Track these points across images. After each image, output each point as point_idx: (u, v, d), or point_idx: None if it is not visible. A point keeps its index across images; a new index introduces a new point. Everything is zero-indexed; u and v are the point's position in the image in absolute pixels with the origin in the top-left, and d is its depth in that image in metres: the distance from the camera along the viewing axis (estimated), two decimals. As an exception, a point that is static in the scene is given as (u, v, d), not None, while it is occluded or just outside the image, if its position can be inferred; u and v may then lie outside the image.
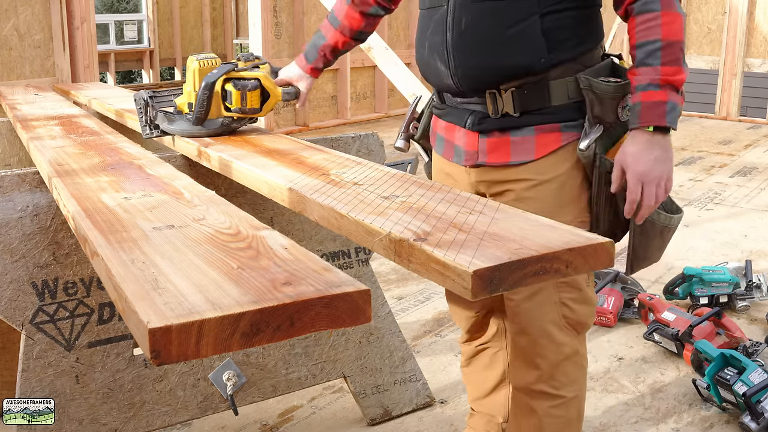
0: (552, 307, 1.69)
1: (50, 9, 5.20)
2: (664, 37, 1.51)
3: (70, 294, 1.88)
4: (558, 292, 1.69)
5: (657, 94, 1.52)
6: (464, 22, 1.61)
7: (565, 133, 1.64)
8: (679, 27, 1.52)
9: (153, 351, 0.85)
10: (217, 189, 1.90)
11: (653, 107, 1.52)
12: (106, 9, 14.89)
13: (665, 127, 1.53)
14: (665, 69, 1.51)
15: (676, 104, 1.53)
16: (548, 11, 1.58)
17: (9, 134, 3.04)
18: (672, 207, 1.73)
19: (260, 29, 7.13)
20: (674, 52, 1.52)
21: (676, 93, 1.52)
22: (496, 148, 1.67)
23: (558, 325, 1.70)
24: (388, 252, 1.19)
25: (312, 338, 2.25)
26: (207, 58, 2.05)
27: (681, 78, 1.52)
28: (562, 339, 1.71)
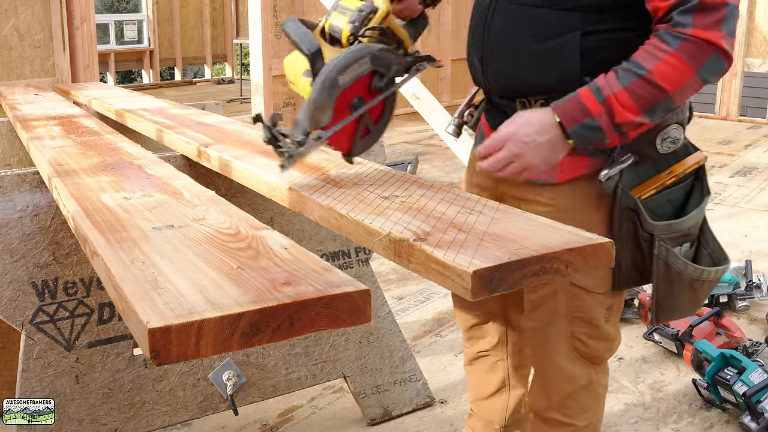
0: (563, 341, 1.59)
1: (50, 9, 5.20)
2: (653, 72, 1.28)
3: (70, 294, 1.88)
4: (570, 326, 1.57)
5: (591, 101, 1.31)
6: (500, 24, 1.47)
7: (594, 159, 1.46)
8: (677, 79, 1.28)
9: (153, 351, 0.85)
10: (217, 189, 1.90)
11: (576, 107, 1.33)
12: (106, 9, 14.90)
13: (566, 132, 1.35)
14: (621, 95, 1.29)
15: (595, 130, 1.32)
16: (591, 30, 1.38)
17: (9, 134, 3.04)
18: (718, 257, 1.55)
19: (260, 29, 7.13)
20: (647, 94, 1.29)
21: (611, 125, 1.30)
22: None
23: (569, 357, 1.60)
24: (387, 252, 1.19)
25: (312, 338, 2.25)
26: None
27: (627, 117, 1.30)
28: (575, 371, 1.61)
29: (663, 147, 1.46)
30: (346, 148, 1.49)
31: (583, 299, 1.55)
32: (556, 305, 1.57)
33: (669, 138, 1.45)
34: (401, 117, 8.85)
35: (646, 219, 1.46)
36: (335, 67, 1.35)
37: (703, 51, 1.27)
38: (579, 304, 1.55)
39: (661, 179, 1.49)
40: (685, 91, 1.30)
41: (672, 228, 1.48)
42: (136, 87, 11.01)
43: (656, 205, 1.49)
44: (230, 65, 13.54)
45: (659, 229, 1.47)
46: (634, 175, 1.46)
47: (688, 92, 1.31)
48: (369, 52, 1.39)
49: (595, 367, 1.63)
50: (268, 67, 7.30)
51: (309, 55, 1.38)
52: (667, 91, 1.28)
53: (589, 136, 1.33)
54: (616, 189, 1.45)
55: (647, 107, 1.29)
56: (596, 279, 1.53)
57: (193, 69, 14.22)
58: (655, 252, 1.47)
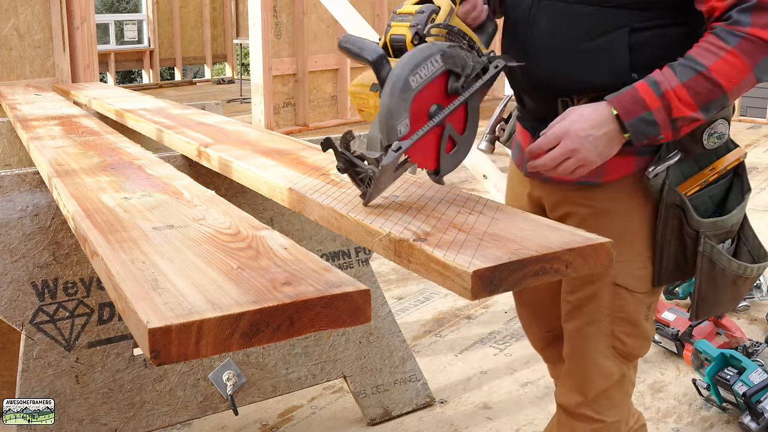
0: (603, 339, 1.58)
1: (50, 9, 5.20)
2: (711, 69, 1.29)
3: (70, 294, 1.88)
4: (611, 325, 1.57)
5: (650, 96, 1.32)
6: (544, 22, 1.45)
7: (640, 158, 1.46)
8: (735, 76, 1.29)
9: (153, 351, 0.85)
10: (217, 189, 1.90)
11: (634, 101, 1.33)
12: (106, 9, 14.90)
13: (623, 125, 1.34)
14: (679, 90, 1.30)
15: (651, 124, 1.32)
16: (640, 26, 1.37)
17: (9, 134, 3.04)
18: (758, 253, 1.55)
19: (260, 29, 7.13)
20: (705, 90, 1.30)
21: (667, 119, 1.32)
22: None
23: (606, 355, 1.59)
24: (387, 252, 1.19)
25: (312, 338, 2.25)
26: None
27: (684, 113, 1.31)
28: (611, 367, 1.60)
29: (709, 142, 1.46)
30: (432, 165, 1.35)
31: (625, 299, 1.55)
32: (599, 305, 1.56)
33: (716, 133, 1.45)
34: (401, 117, 8.84)
35: (693, 215, 1.46)
36: (404, 66, 1.25)
37: (759, 49, 1.29)
38: (621, 304, 1.55)
39: (704, 176, 1.49)
40: (740, 88, 1.32)
41: (717, 225, 1.49)
42: (136, 87, 11.02)
43: (699, 202, 1.49)
44: (230, 65, 13.54)
45: (705, 225, 1.47)
46: (678, 173, 1.47)
47: (742, 90, 1.32)
48: (438, 48, 1.30)
49: (627, 363, 1.63)
50: (268, 67, 7.30)
51: (373, 61, 1.26)
52: (724, 88, 1.30)
53: (646, 131, 1.33)
54: (663, 186, 1.45)
55: (705, 103, 1.31)
56: (637, 279, 1.53)
57: (193, 69, 14.23)
58: (700, 249, 1.48)
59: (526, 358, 2.89)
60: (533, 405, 2.55)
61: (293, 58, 7.84)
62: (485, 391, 2.64)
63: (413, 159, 1.31)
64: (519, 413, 2.50)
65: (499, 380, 2.72)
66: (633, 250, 1.51)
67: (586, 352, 1.61)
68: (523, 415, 2.49)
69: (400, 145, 1.25)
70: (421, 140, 1.30)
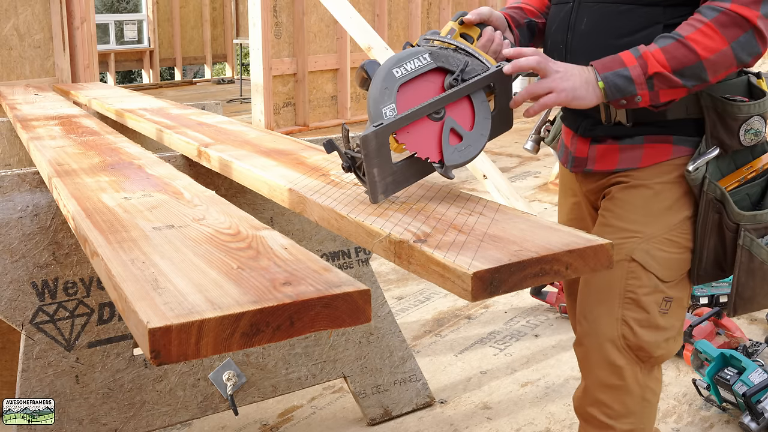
0: (612, 323, 1.55)
1: (50, 9, 5.20)
2: (687, 38, 1.34)
3: (70, 294, 1.88)
4: (621, 309, 1.54)
5: (628, 56, 1.37)
6: (585, 23, 1.52)
7: (678, 147, 1.51)
8: (710, 46, 1.34)
9: (153, 351, 0.85)
10: (217, 189, 1.90)
11: (614, 60, 1.38)
12: (106, 9, 14.90)
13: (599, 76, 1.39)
14: (656, 52, 1.35)
15: (626, 79, 1.36)
16: (673, 23, 1.41)
17: (9, 134, 3.04)
18: None
19: (260, 29, 7.13)
20: (680, 55, 1.35)
21: (642, 76, 1.36)
22: (604, 156, 1.56)
23: (616, 345, 1.55)
24: (388, 253, 1.19)
25: (312, 338, 2.25)
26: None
27: (659, 69, 1.35)
28: (619, 362, 1.55)
29: (746, 138, 1.48)
30: (435, 155, 1.37)
31: (639, 278, 1.52)
32: (611, 282, 1.54)
33: (752, 129, 1.48)
34: (401, 117, 8.85)
35: (734, 208, 1.49)
36: (388, 61, 1.35)
37: (737, 25, 1.33)
38: (633, 284, 1.53)
39: (741, 173, 1.52)
40: (717, 62, 1.35)
41: (757, 219, 1.51)
42: (136, 87, 11.02)
43: (737, 199, 1.52)
44: (230, 65, 13.54)
45: (746, 219, 1.50)
46: (716, 169, 1.50)
47: (719, 65, 1.35)
48: (427, 49, 1.38)
49: (641, 365, 1.57)
50: (268, 67, 7.30)
51: (365, 67, 1.37)
52: (699, 55, 1.34)
53: (621, 85, 1.37)
54: (704, 180, 1.48)
55: (679, 67, 1.35)
56: (657, 260, 1.52)
57: (193, 69, 14.23)
58: (740, 242, 1.50)
59: (526, 358, 2.89)
60: (533, 405, 2.55)
61: (293, 58, 7.84)
62: (485, 391, 2.64)
63: (410, 147, 1.35)
64: (519, 413, 2.50)
65: (499, 380, 2.72)
66: (656, 227, 1.51)
67: (593, 336, 1.57)
68: (523, 415, 2.49)
69: (382, 122, 1.31)
70: (417, 130, 1.35)
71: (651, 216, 1.51)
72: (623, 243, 1.51)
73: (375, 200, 1.35)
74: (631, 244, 1.51)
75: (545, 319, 3.25)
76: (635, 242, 1.51)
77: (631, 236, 1.52)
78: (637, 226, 1.51)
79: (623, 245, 1.51)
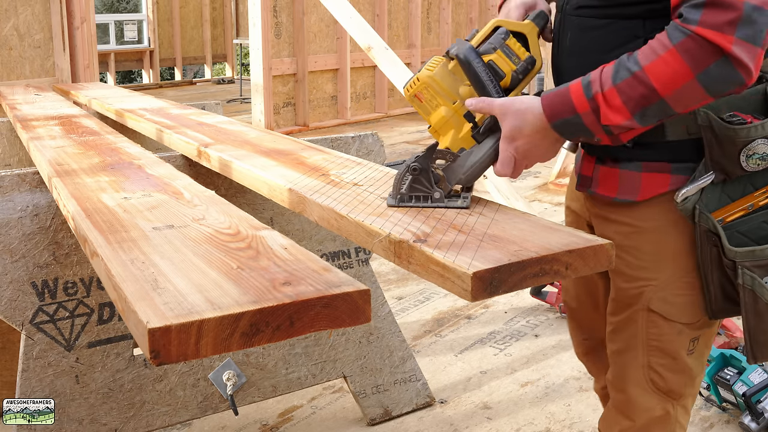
0: (638, 370, 1.46)
1: (50, 9, 5.20)
2: (645, 70, 1.16)
3: (70, 294, 1.88)
4: (647, 356, 1.44)
5: (579, 97, 1.22)
6: (568, 38, 1.39)
7: (675, 176, 1.34)
8: (671, 80, 1.14)
9: (152, 351, 0.85)
10: (217, 189, 1.90)
11: (563, 101, 1.24)
12: (106, 9, 14.90)
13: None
14: (609, 94, 1.18)
15: (579, 126, 1.24)
16: (654, 36, 1.21)
17: (9, 134, 3.04)
18: None
19: (260, 29, 7.13)
20: (637, 95, 1.17)
21: (597, 125, 1.21)
22: (605, 178, 1.42)
23: (644, 388, 1.46)
24: (387, 253, 1.19)
25: (312, 338, 2.25)
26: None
27: (613, 120, 1.20)
28: (649, 402, 1.47)
29: (749, 164, 1.30)
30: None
31: (660, 327, 1.41)
32: (635, 331, 1.44)
33: (756, 154, 1.30)
34: (401, 117, 8.86)
35: (725, 244, 1.33)
36: (482, 165, 1.35)
37: (704, 52, 1.12)
38: (656, 333, 1.42)
39: (753, 199, 1.34)
40: (682, 96, 1.16)
41: (756, 255, 1.33)
42: (136, 87, 11.02)
43: (749, 228, 1.35)
44: (230, 65, 13.54)
45: (741, 255, 1.33)
46: (721, 195, 1.33)
47: (686, 99, 1.16)
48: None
49: (673, 402, 1.47)
50: (268, 67, 7.30)
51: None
52: (660, 93, 1.15)
53: (574, 132, 1.26)
54: (694, 211, 1.32)
55: (637, 110, 1.18)
56: (675, 306, 1.40)
57: (193, 69, 14.23)
58: (739, 281, 1.34)
59: (526, 358, 2.89)
60: (533, 405, 2.55)
61: (293, 58, 7.84)
62: (485, 391, 2.64)
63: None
64: (519, 413, 2.50)
65: (499, 380, 2.72)
66: (668, 273, 1.38)
67: (623, 381, 1.48)
68: (523, 415, 2.49)
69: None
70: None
71: (661, 261, 1.38)
72: (639, 292, 1.40)
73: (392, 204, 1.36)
74: (647, 293, 1.39)
75: (545, 319, 3.25)
76: (651, 291, 1.39)
77: (645, 284, 1.39)
78: (649, 273, 1.39)
79: (639, 294, 1.40)
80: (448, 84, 1.36)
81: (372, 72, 8.66)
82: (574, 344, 1.78)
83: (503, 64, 1.34)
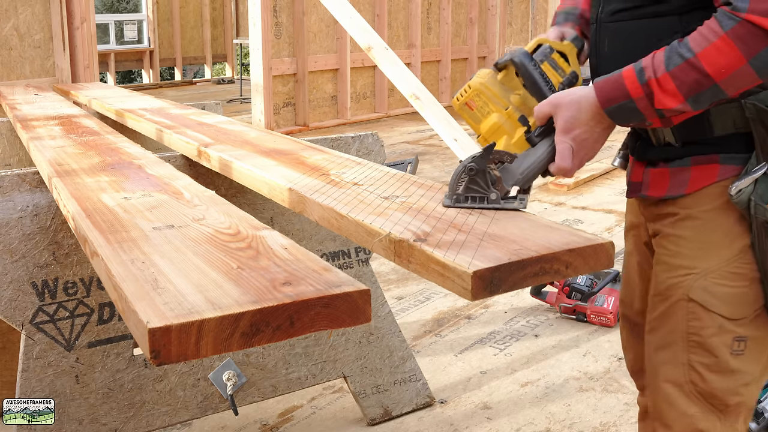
0: (677, 368, 1.39)
1: (50, 9, 5.20)
2: (699, 57, 1.17)
3: (70, 294, 1.88)
4: (687, 353, 1.38)
5: (633, 83, 1.23)
6: (606, 45, 1.40)
7: (725, 166, 1.33)
8: (725, 66, 1.16)
9: (153, 351, 0.85)
10: (217, 189, 1.90)
11: (617, 87, 1.26)
12: (106, 9, 14.90)
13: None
14: (663, 79, 1.20)
15: (632, 111, 1.25)
16: (691, 29, 1.23)
17: (9, 134, 3.04)
18: None
19: (260, 29, 7.13)
20: (691, 81, 1.19)
21: (650, 108, 1.23)
22: (656, 180, 1.41)
23: (684, 392, 1.38)
24: (387, 253, 1.19)
25: (312, 338, 2.25)
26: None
27: (667, 104, 1.22)
28: (691, 410, 1.38)
29: None
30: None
31: (701, 319, 1.36)
32: (673, 325, 1.39)
33: None
34: (401, 117, 8.86)
35: None
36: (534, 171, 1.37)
37: (757, 38, 1.14)
38: (696, 326, 1.36)
39: None
40: (735, 81, 1.18)
41: None
42: (136, 87, 11.02)
43: None
44: (230, 65, 13.54)
45: None
46: None
47: (739, 83, 1.19)
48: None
49: (718, 414, 1.39)
50: (268, 67, 7.30)
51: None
52: (713, 78, 1.18)
53: (628, 117, 1.27)
54: (749, 203, 1.30)
55: (691, 94, 1.20)
56: (718, 297, 1.35)
57: (193, 69, 14.24)
58: None
59: (526, 358, 2.89)
60: (533, 405, 2.55)
61: (293, 58, 7.84)
62: (485, 391, 2.64)
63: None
64: (519, 413, 2.50)
65: (499, 380, 2.72)
66: (712, 260, 1.34)
67: (661, 379, 1.41)
68: (523, 415, 2.49)
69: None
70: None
71: (705, 249, 1.35)
72: (679, 281, 1.36)
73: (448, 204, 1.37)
74: (687, 281, 1.36)
75: (545, 319, 3.25)
76: (692, 279, 1.35)
77: (686, 273, 1.36)
78: (691, 261, 1.36)
79: (680, 284, 1.36)
80: (499, 91, 1.39)
81: (372, 72, 8.66)
82: (627, 359, 1.69)
83: (551, 74, 1.38)
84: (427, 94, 4.84)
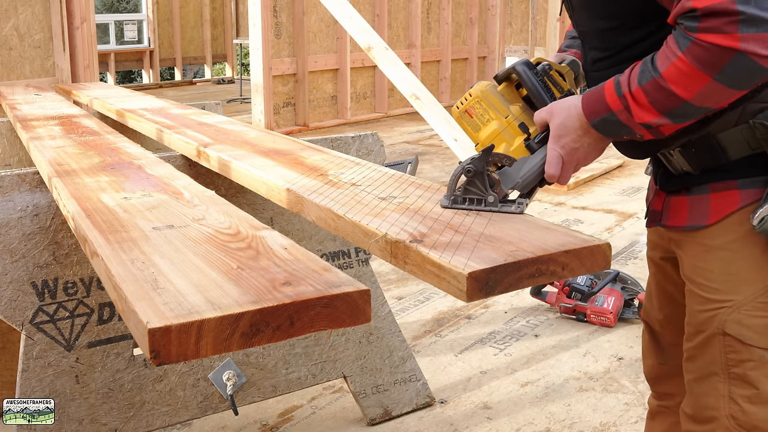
0: (719, 401, 1.36)
1: (50, 9, 5.20)
2: (664, 76, 1.14)
3: (70, 294, 1.88)
4: (728, 385, 1.34)
5: (612, 95, 1.21)
6: (590, 57, 1.41)
7: (745, 191, 1.29)
8: (691, 85, 1.12)
9: (152, 351, 0.86)
10: (217, 189, 1.91)
11: (599, 100, 1.24)
12: (106, 9, 14.89)
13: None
14: (637, 94, 1.17)
15: (616, 124, 1.23)
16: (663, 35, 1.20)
17: (9, 134, 3.04)
18: None
19: (260, 29, 7.13)
20: (662, 98, 1.16)
21: (633, 121, 1.20)
22: (675, 209, 1.39)
23: (726, 426, 1.35)
24: (384, 253, 1.19)
25: (312, 338, 2.25)
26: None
27: (644, 118, 1.19)
28: None
29: None
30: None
31: (739, 353, 1.32)
32: (711, 358, 1.36)
33: None
34: (401, 117, 8.86)
35: None
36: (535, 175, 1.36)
37: (715, 55, 1.08)
38: (735, 359, 1.33)
39: None
40: (708, 97, 1.13)
41: None
42: (136, 87, 11.02)
43: None
44: (230, 65, 13.54)
45: None
46: None
47: (715, 97, 1.14)
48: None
49: None
50: (268, 67, 7.30)
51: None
52: (682, 97, 1.14)
53: (614, 130, 1.25)
54: None
55: (664, 111, 1.17)
56: (754, 329, 1.31)
57: (193, 69, 14.23)
58: None
59: (526, 358, 2.89)
60: (533, 405, 2.55)
61: (293, 58, 7.84)
62: (485, 391, 2.65)
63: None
64: (519, 413, 2.50)
65: (499, 380, 2.72)
66: (744, 293, 1.30)
67: (706, 413, 1.38)
68: (523, 415, 2.49)
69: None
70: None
71: (735, 282, 1.31)
72: (712, 316, 1.33)
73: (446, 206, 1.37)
74: (720, 315, 1.32)
75: (545, 319, 3.26)
76: (725, 313, 1.31)
77: (719, 307, 1.32)
78: (723, 295, 1.32)
79: (713, 318, 1.33)
80: (499, 100, 1.40)
81: (372, 72, 8.66)
82: (646, 366, 1.68)
83: (551, 87, 1.40)
84: (427, 94, 4.84)
